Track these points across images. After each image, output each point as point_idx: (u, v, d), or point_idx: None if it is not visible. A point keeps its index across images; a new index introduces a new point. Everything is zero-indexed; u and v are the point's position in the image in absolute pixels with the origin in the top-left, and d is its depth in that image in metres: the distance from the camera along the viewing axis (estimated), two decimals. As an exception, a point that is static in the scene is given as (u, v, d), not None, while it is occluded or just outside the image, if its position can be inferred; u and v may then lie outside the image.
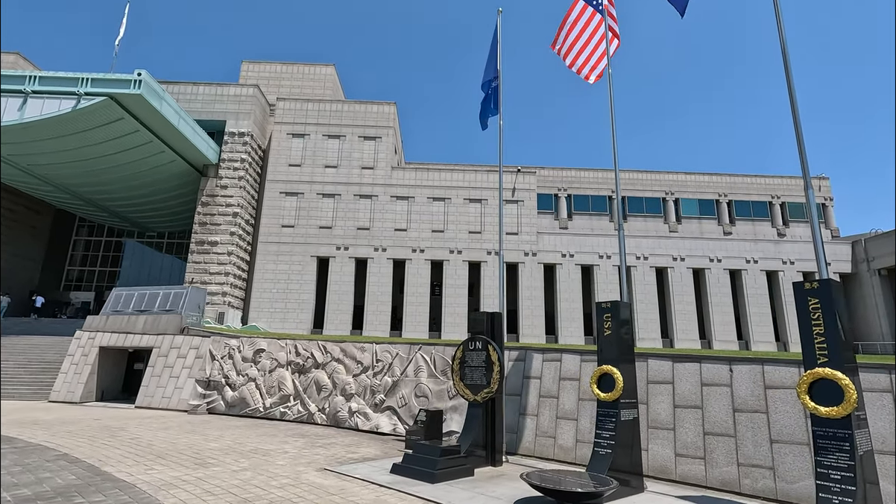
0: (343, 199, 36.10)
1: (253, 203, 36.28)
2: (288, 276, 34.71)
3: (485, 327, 10.55)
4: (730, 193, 45.82)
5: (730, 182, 46.28)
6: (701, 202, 45.59)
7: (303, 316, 34.03)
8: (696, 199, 45.67)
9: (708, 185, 46.01)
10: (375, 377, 15.20)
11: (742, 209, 45.46)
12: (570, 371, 11.32)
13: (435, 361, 14.20)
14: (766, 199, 45.76)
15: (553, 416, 11.16)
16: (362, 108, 37.67)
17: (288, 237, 35.29)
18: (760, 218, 45.16)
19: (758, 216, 45.21)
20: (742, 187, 45.84)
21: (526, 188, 37.23)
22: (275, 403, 16.82)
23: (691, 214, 45.11)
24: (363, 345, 16.08)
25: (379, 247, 35.55)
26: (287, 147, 36.69)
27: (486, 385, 9.97)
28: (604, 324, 8.66)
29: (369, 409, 14.84)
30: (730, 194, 45.77)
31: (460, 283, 35.44)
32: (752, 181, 46.25)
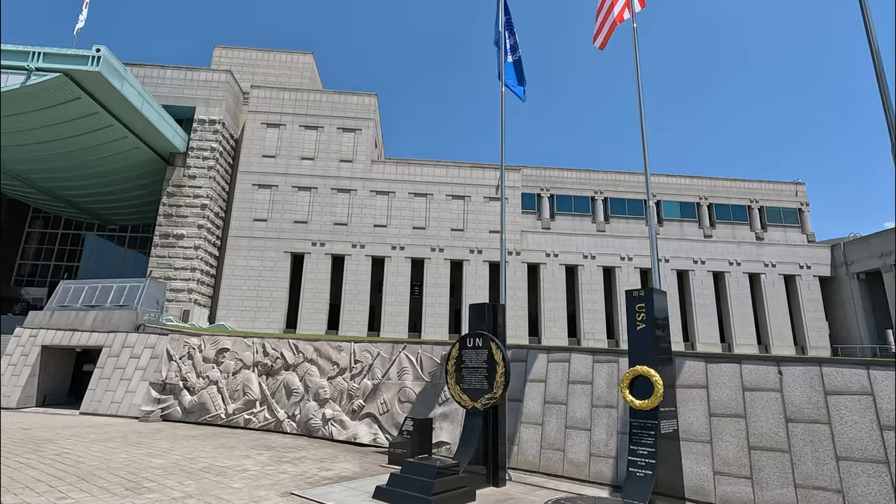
0: (320, 193, 34.03)
1: (223, 195, 33.89)
2: (260, 272, 32.44)
3: (486, 321, 8.88)
4: (710, 196, 45.37)
5: (710, 185, 45.84)
6: (682, 205, 45.00)
7: (275, 315, 31.80)
8: (677, 201, 45.05)
9: (689, 187, 45.46)
10: (353, 380, 13.36)
11: (722, 212, 45.06)
12: (580, 373, 9.73)
13: (422, 362, 12.46)
14: (746, 202, 45.47)
15: (561, 426, 9.54)
16: (341, 99, 35.71)
17: (260, 231, 33.03)
18: (740, 221, 44.81)
19: (737, 220, 44.86)
20: (722, 191, 45.45)
21: (510, 185, 35.80)
22: (238, 409, 14.79)
23: (673, 217, 44.45)
24: (340, 344, 14.23)
25: (357, 243, 33.59)
26: (261, 137, 34.45)
27: (487, 390, 8.29)
28: (636, 315, 7.09)
29: (346, 417, 12.99)
30: (710, 197, 45.33)
31: (442, 283, 33.75)
32: (732, 185, 45.92)
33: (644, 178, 45.04)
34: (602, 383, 9.36)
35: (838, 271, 37.53)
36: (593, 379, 9.52)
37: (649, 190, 9.38)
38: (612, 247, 36.82)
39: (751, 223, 44.71)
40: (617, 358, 9.37)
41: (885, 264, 34.29)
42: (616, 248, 36.68)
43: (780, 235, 43.90)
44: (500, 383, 8.17)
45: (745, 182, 46.26)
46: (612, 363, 9.39)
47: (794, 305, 37.01)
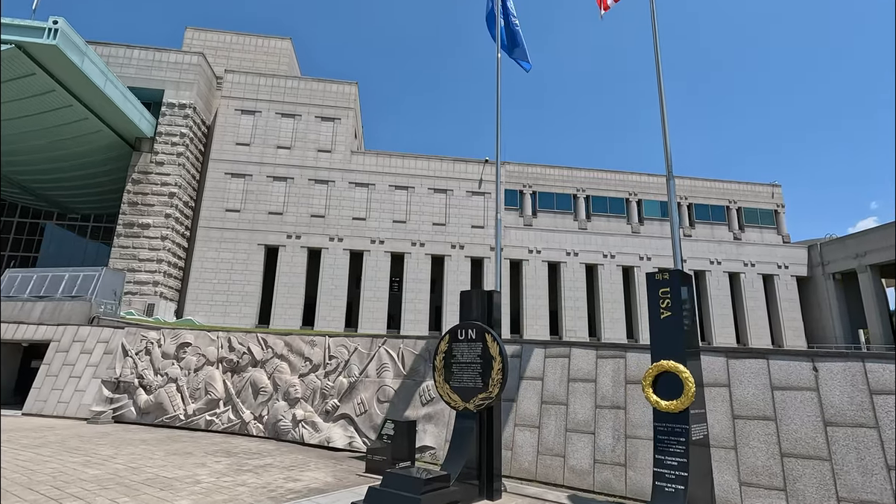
0: (296, 184, 32.44)
1: (194, 183, 32.01)
2: (231, 265, 30.70)
3: (479, 311, 7.73)
4: (690, 196, 45.14)
5: (690, 185, 45.62)
6: (663, 204, 44.65)
7: (247, 310, 30.12)
8: (657, 200, 44.69)
9: (669, 187, 45.10)
10: (327, 377, 12.06)
11: (701, 212, 44.89)
12: (582, 370, 8.66)
13: (403, 358, 11.24)
14: (724, 203, 45.39)
15: (561, 429, 8.45)
16: (320, 87, 34.16)
17: (233, 222, 31.28)
18: (718, 222, 44.70)
19: (716, 220, 44.73)
20: (702, 191, 45.29)
21: (493, 180, 34.76)
22: (200, 410, 13.33)
23: (653, 216, 44.04)
24: (313, 338, 12.90)
25: (335, 236, 32.12)
26: (235, 124, 32.67)
27: (481, 388, 7.14)
28: (659, 302, 6.02)
29: (318, 418, 11.68)
30: (690, 197, 45.09)
31: (422, 278, 32.54)
32: (711, 185, 45.80)
33: (625, 177, 44.69)
34: (607, 381, 8.31)
35: (815, 271, 37.64)
36: (597, 376, 8.46)
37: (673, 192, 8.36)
38: (594, 244, 36.18)
39: (729, 223, 44.65)
40: (624, 353, 8.33)
41: (861, 265, 34.42)
42: (599, 245, 36.06)
43: (756, 236, 43.94)
44: (497, 381, 7.03)
45: (723, 183, 46.20)
46: (618, 359, 8.35)
47: (771, 305, 36.96)
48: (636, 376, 8.03)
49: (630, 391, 8.02)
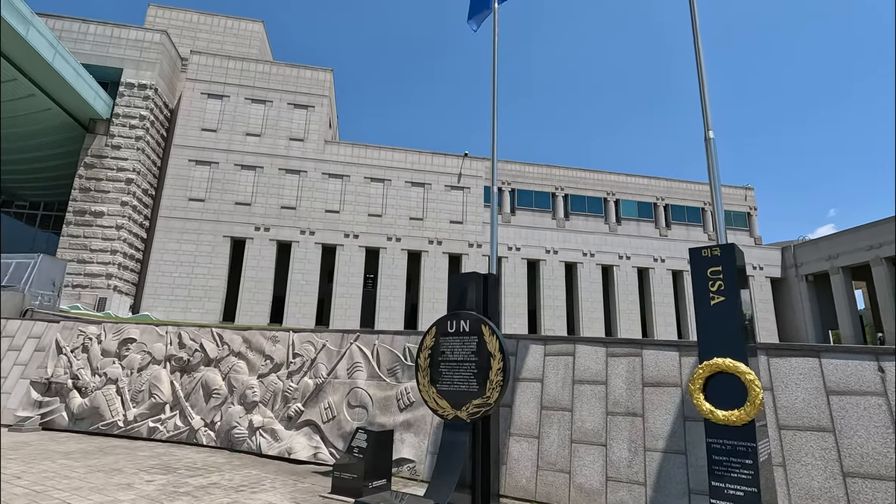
0: (266, 173, 30.47)
1: (154, 170, 29.68)
2: (194, 257, 28.53)
3: (474, 298, 6.29)
4: (667, 197, 44.92)
5: (667, 186, 45.39)
6: (640, 204, 44.29)
7: (210, 305, 28.02)
8: (635, 201, 44.32)
9: (647, 188, 44.82)
10: (291, 378, 10.45)
11: (677, 214, 44.71)
12: (589, 370, 7.33)
13: (379, 356, 9.73)
14: (700, 205, 45.34)
15: (565, 440, 7.10)
16: (294, 73, 32.25)
17: (196, 213, 29.10)
18: (694, 223, 44.60)
19: (692, 221, 44.63)
20: (678, 192, 45.11)
21: (473, 174, 33.50)
22: (142, 415, 11.50)
23: (630, 216, 43.62)
24: (276, 334, 11.25)
25: (306, 229, 30.27)
26: (200, 108, 30.47)
27: (476, 392, 5.73)
28: (708, 285, 4.71)
29: (279, 425, 10.05)
30: (667, 198, 44.87)
31: (398, 275, 30.99)
32: (687, 187, 45.67)
33: (604, 177, 44.09)
34: (620, 383, 7.00)
35: (788, 273, 37.63)
36: (608, 378, 7.14)
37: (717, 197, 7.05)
38: (574, 242, 35.26)
39: (704, 225, 44.58)
40: (640, 350, 7.04)
41: (833, 267, 34.46)
42: (578, 243, 35.16)
43: (731, 238, 43.88)
44: (496, 383, 5.62)
45: (699, 185, 46.11)
46: (632, 357, 7.05)
47: (747, 306, 36.78)
48: (655, 377, 6.75)
49: (649, 395, 6.73)
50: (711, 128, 5.64)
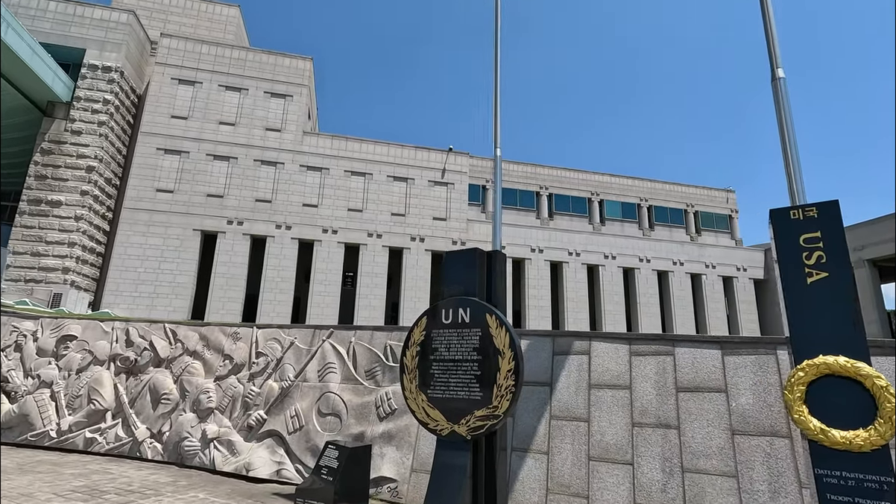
0: (240, 164, 28.66)
1: (119, 158, 27.62)
2: (161, 252, 26.56)
3: (475, 280, 4.91)
4: (650, 198, 44.36)
5: (650, 187, 44.84)
6: (624, 205, 43.62)
7: (178, 303, 26.08)
8: (619, 201, 43.64)
9: (630, 188, 44.19)
10: (253, 381, 8.94)
11: (661, 215, 44.16)
12: (609, 372, 6.05)
13: (355, 356, 8.31)
14: (682, 206, 44.89)
15: (581, 456, 5.79)
16: (271, 60, 30.53)
17: (164, 204, 27.14)
18: (677, 224, 44.11)
19: (674, 222, 44.13)
20: (662, 193, 44.59)
21: (457, 170, 32.22)
22: (78, 424, 9.83)
23: (614, 217, 42.92)
24: (237, 330, 9.72)
25: (282, 224, 28.55)
26: (171, 94, 28.52)
27: (480, 401, 4.38)
28: (803, 255, 3.46)
29: (237, 436, 8.53)
30: (650, 199, 44.31)
31: (378, 272, 29.47)
32: (671, 188, 45.21)
33: (588, 176, 43.33)
34: (648, 388, 5.73)
35: (771, 275, 37.27)
36: (632, 381, 5.86)
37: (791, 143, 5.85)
38: (559, 241, 34.24)
39: (686, 227, 44.13)
40: (671, 347, 5.79)
41: (816, 268, 34.13)
42: (564, 242, 34.16)
43: (712, 240, 43.54)
44: (506, 390, 4.27)
45: (682, 186, 45.72)
46: (662, 356, 5.79)
47: (731, 306, 36.30)
48: (692, 380, 5.50)
49: (685, 402, 5.47)
50: (780, 66, 4.41)
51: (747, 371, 5.24)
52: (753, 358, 5.24)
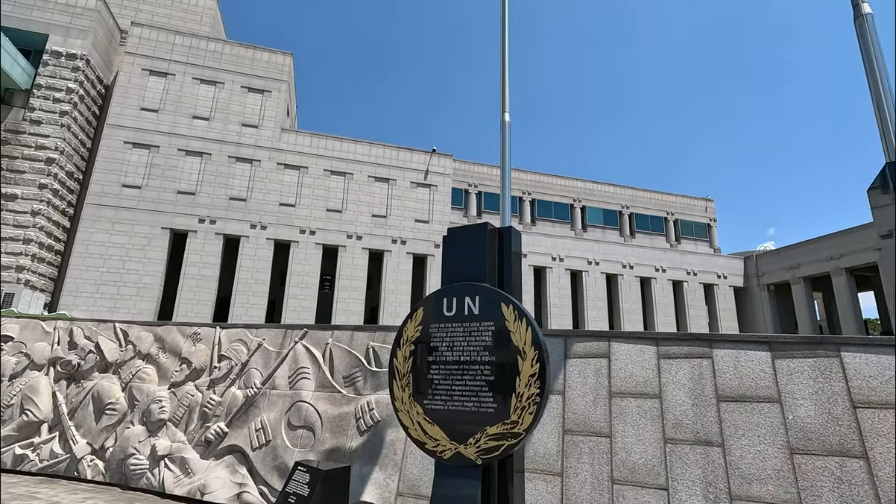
0: (214, 160, 27.19)
1: (82, 151, 25.87)
2: (126, 251, 24.86)
3: (485, 263, 3.91)
4: (631, 206, 44.23)
5: (631, 195, 44.74)
6: (605, 212, 43.41)
7: (143, 305, 24.38)
8: (601, 208, 43.41)
9: (612, 195, 44.01)
10: (213, 388, 7.74)
11: (641, 222, 44.07)
12: (633, 378, 5.11)
13: (332, 359, 7.20)
14: (662, 214, 44.90)
15: (603, 479, 4.82)
16: (249, 54, 29.22)
17: (131, 201, 25.47)
18: (657, 232, 44.04)
19: (655, 230, 44.06)
20: (642, 201, 44.52)
21: (440, 172, 31.30)
22: (8, 438, 8.43)
23: (596, 223, 42.63)
24: (197, 330, 8.50)
25: (258, 223, 27.13)
26: (141, 86, 26.94)
27: (494, 415, 3.37)
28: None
29: (193, 452, 7.31)
30: (631, 207, 44.18)
31: (358, 275, 28.24)
32: (651, 196, 45.19)
33: (570, 183, 42.95)
34: (682, 397, 4.81)
35: (750, 282, 37.32)
36: (662, 389, 4.93)
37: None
38: (543, 246, 33.56)
39: (667, 234, 44.10)
40: (708, 349, 4.88)
41: (794, 277, 34.26)
42: (547, 248, 33.49)
43: (692, 248, 43.59)
44: (529, 399, 3.28)
45: (662, 195, 45.78)
46: (698, 359, 4.88)
47: (712, 313, 36.13)
48: (736, 388, 4.60)
49: (728, 414, 4.55)
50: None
51: (805, 377, 4.36)
52: (812, 361, 4.36)
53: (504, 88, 5.20)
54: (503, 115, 5.03)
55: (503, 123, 4.99)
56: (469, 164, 40.46)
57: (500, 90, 5.18)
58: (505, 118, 5.00)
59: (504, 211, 4.72)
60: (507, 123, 4.98)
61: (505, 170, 4.73)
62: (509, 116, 5.02)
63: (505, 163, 4.76)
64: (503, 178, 4.76)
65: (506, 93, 5.16)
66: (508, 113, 5.04)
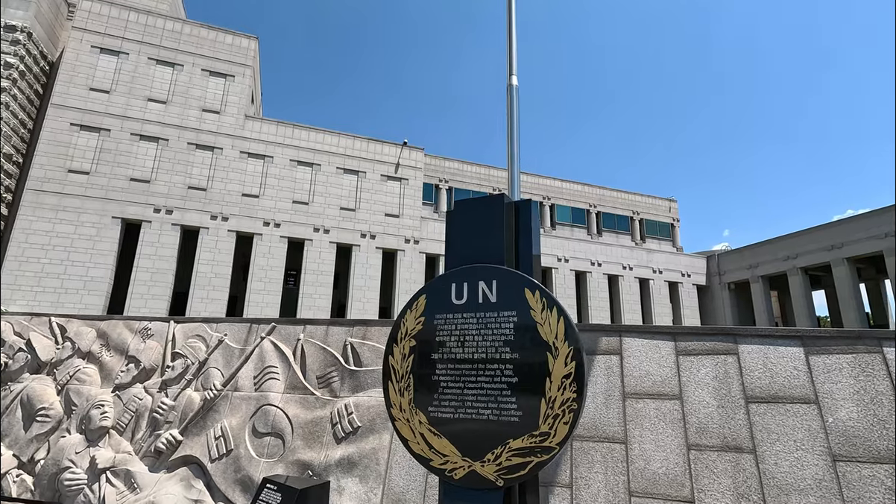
0: (171, 147, 25.48)
1: (23, 132, 23.71)
2: (71, 241, 22.95)
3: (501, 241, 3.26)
4: (599, 205, 44.61)
5: (599, 194, 45.13)
6: (574, 210, 43.61)
7: (90, 300, 22.55)
8: (569, 206, 43.59)
9: (581, 194, 44.25)
10: (166, 390, 6.81)
11: (608, 221, 44.51)
12: (650, 377, 4.59)
13: (304, 356, 6.41)
14: (629, 214, 45.51)
15: (618, 490, 4.27)
16: (211, 36, 27.56)
17: (77, 187, 23.54)
18: (623, 231, 44.59)
19: (621, 229, 44.60)
20: (610, 200, 44.98)
21: (412, 165, 30.49)
22: (-84, 451, 7.23)
23: (564, 221, 42.77)
24: (148, 325, 7.52)
25: (218, 214, 25.62)
26: (90, 64, 24.93)
27: (519, 425, 2.73)
28: None
29: (141, 464, 6.37)
30: (599, 205, 44.57)
31: (325, 270, 27.12)
32: (618, 196, 45.72)
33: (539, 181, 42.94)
34: (706, 398, 4.31)
35: (712, 281, 38.24)
36: (682, 389, 4.42)
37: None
38: (514, 243, 33.20)
39: (632, 233, 44.71)
40: (734, 344, 4.40)
41: (753, 276, 35.27)
42: (518, 244, 33.18)
43: (656, 246, 44.38)
44: (563, 406, 2.66)
45: (628, 194, 46.38)
46: (723, 356, 4.39)
47: (676, 311, 36.80)
48: (766, 388, 4.13)
49: (759, 417, 4.07)
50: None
51: (844, 375, 3.91)
52: (851, 358, 3.93)
53: (511, 49, 4.57)
54: (510, 77, 4.40)
55: (510, 87, 4.36)
56: (440, 160, 39.79)
57: (507, 51, 4.55)
58: (512, 81, 4.37)
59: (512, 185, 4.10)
60: (514, 87, 4.35)
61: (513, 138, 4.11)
62: (517, 80, 4.39)
63: (513, 131, 4.14)
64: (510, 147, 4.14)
65: (513, 53, 4.54)
66: (516, 76, 4.41)
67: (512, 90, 4.35)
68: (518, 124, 4.15)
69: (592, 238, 42.04)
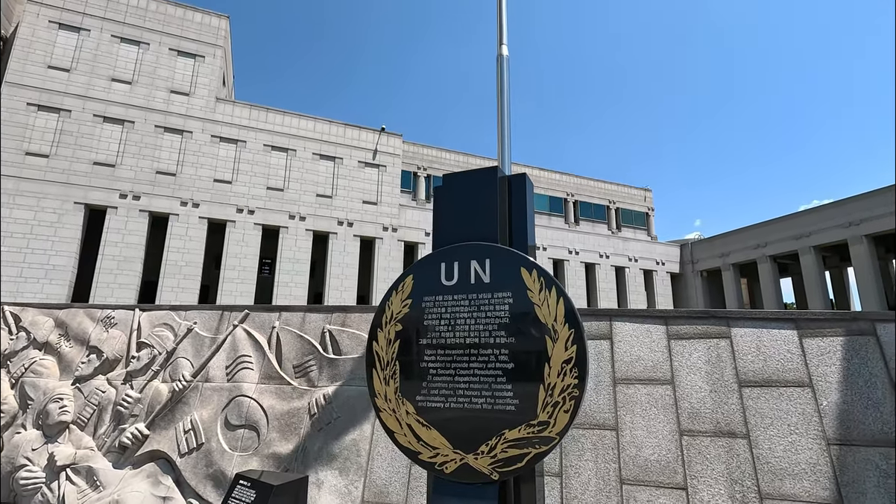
0: (138, 129, 24.39)
1: (-25, 112, 22.32)
2: (31, 227, 21.83)
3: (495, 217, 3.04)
4: (576, 194, 44.93)
5: (576, 183, 45.43)
6: (551, 199, 43.81)
7: (52, 289, 21.54)
8: (547, 195, 43.76)
9: (558, 183, 44.47)
10: (130, 382, 6.41)
11: (585, 210, 44.89)
12: (641, 362, 4.46)
13: (280, 346, 6.10)
14: (605, 203, 45.97)
15: (609, 478, 4.14)
16: (179, 13, 26.35)
17: (37, 171, 22.35)
18: (599, 220, 45.06)
19: (597, 218, 45.05)
20: (586, 189, 45.33)
21: (390, 152, 29.97)
22: None
23: (542, 210, 42.94)
24: (111, 313, 7.08)
25: (188, 200, 24.72)
26: (48, 41, 23.57)
27: (515, 414, 2.52)
28: None
29: (104, 461, 5.99)
30: (576, 195, 44.88)
31: (301, 258, 26.55)
32: (595, 185, 46.12)
33: (517, 169, 42.86)
34: (698, 382, 4.20)
35: (686, 269, 38.99)
36: (674, 373, 4.30)
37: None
38: (492, 231, 33.12)
39: (608, 222, 45.22)
40: (726, 327, 4.29)
41: (725, 264, 36.09)
42: (497, 232, 33.11)
43: (631, 235, 45.00)
44: (564, 393, 2.46)
45: (605, 183, 46.84)
46: (715, 339, 4.29)
47: (650, 299, 37.45)
48: (760, 371, 4.04)
49: (753, 402, 3.98)
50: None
51: (837, 357, 3.84)
52: (844, 340, 3.86)
53: (501, 17, 4.31)
54: (500, 47, 4.15)
55: (500, 57, 4.10)
56: (418, 147, 39.32)
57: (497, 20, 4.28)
58: (502, 51, 4.12)
59: (503, 159, 3.86)
60: (504, 58, 4.10)
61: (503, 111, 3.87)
62: (507, 50, 4.13)
63: (503, 102, 3.89)
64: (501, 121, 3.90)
65: (503, 23, 4.28)
66: (506, 46, 4.16)
67: (502, 60, 4.10)
68: (509, 96, 3.91)
69: (570, 227, 42.32)
